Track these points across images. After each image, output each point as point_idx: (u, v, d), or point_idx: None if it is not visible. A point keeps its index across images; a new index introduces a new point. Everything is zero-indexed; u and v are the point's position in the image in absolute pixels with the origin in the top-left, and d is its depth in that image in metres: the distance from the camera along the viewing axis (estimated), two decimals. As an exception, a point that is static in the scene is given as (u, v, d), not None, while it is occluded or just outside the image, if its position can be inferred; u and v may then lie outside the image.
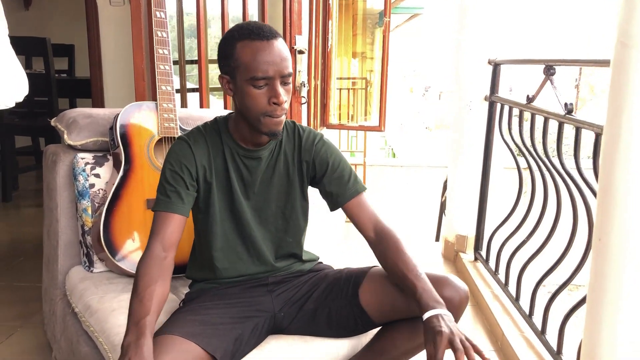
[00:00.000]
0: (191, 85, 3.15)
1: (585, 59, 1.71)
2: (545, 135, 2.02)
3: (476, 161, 2.85)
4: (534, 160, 2.21)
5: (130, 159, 1.77)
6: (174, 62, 1.98)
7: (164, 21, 1.86)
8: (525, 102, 2.21)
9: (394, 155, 7.97)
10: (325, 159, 1.49)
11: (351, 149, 6.01)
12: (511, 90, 2.74)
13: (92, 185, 1.82)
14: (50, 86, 4.05)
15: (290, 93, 1.36)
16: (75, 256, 1.90)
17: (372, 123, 5.33)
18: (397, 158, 7.35)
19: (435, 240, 4.16)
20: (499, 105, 2.62)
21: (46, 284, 2.02)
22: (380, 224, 1.46)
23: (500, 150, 2.78)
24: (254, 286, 1.52)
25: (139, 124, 1.81)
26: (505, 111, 2.56)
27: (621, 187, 1.17)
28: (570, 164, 1.92)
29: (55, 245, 1.90)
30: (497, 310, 2.33)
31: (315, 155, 1.49)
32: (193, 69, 3.21)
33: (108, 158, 1.87)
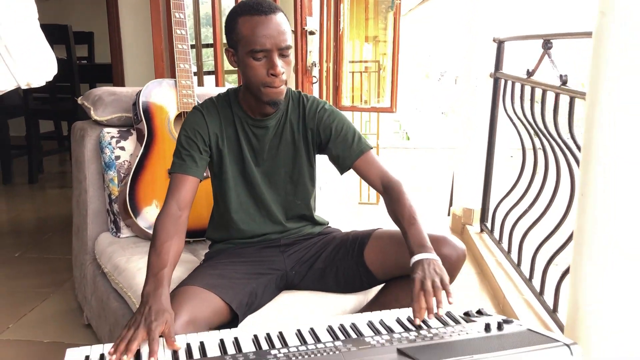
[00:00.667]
0: (207, 69, 3.29)
1: (580, 32, 1.81)
2: (543, 106, 2.12)
3: (482, 137, 2.95)
4: (535, 133, 2.31)
5: (152, 132, 1.91)
6: (191, 46, 2.10)
7: (181, 3, 1.98)
8: (525, 77, 2.30)
9: (408, 138, 8.02)
10: (329, 124, 1.59)
11: (364, 132, 6.11)
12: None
13: (118, 157, 1.97)
14: (72, 72, 4.22)
15: (290, 65, 1.46)
16: (103, 224, 2.06)
17: (384, 105, 5.42)
18: (410, 140, 7.41)
19: (448, 215, 4.26)
20: (503, 81, 2.72)
21: (76, 251, 2.18)
22: (387, 177, 1.55)
23: (505, 127, 2.87)
24: (268, 247, 1.65)
25: (160, 99, 1.94)
26: (509, 87, 2.65)
27: (600, 147, 1.28)
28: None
29: (85, 214, 2.05)
30: (500, 276, 2.45)
31: (319, 121, 1.59)
32: (209, 57, 3.34)
33: (132, 132, 2.01)
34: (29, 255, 2.96)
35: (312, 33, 2.83)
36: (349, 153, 1.57)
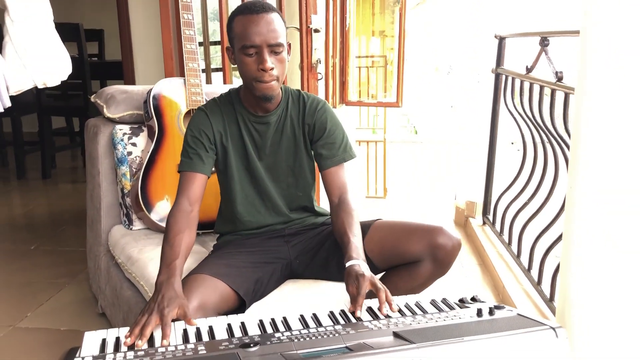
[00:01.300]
0: (214, 65, 3.36)
1: (574, 30, 1.86)
2: (540, 101, 2.18)
3: (483, 132, 3.01)
4: (534, 127, 2.37)
5: (162, 128, 1.99)
6: (199, 44, 2.18)
7: (190, 4, 2.06)
8: (524, 73, 2.36)
9: (416, 132, 8.04)
10: (324, 124, 1.68)
11: (372, 126, 6.17)
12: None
13: (130, 153, 2.06)
14: (83, 69, 4.31)
15: (282, 62, 1.53)
16: (116, 217, 2.15)
17: (390, 99, 5.47)
18: (418, 134, 7.44)
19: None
20: (504, 76, 2.78)
21: (90, 243, 2.27)
22: (345, 195, 1.65)
23: (507, 121, 2.93)
24: (273, 237, 1.73)
25: (170, 97, 2.03)
26: (509, 83, 2.71)
27: (589, 140, 1.34)
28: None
29: (98, 207, 2.14)
30: (501, 267, 2.52)
31: (317, 119, 1.68)
32: (217, 52, 3.41)
33: (143, 129, 2.09)
34: (44, 248, 3.06)
35: (317, 31, 2.90)
36: (332, 155, 1.67)
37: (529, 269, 2.31)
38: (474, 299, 1.40)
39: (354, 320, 1.29)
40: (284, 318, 1.29)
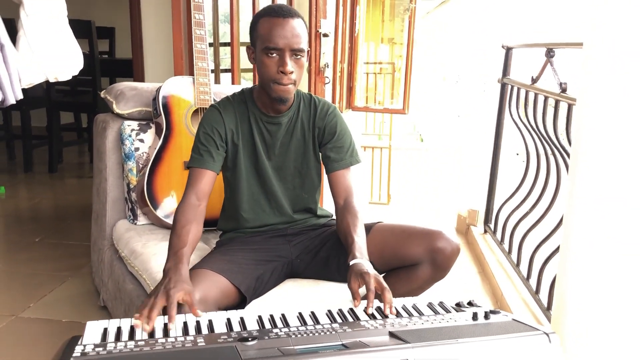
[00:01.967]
0: (223, 67, 3.39)
1: (578, 42, 1.88)
2: (544, 112, 2.20)
3: (488, 141, 3.03)
4: (538, 137, 2.39)
5: (170, 126, 2.02)
6: (209, 44, 2.21)
7: (201, 5, 2.09)
8: (530, 83, 2.38)
9: (422, 139, 8.07)
10: (334, 128, 1.71)
11: (378, 132, 6.19)
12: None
13: (137, 149, 2.09)
14: (94, 66, 4.35)
15: (301, 67, 1.57)
16: (121, 211, 2.18)
17: (397, 106, 5.50)
18: (424, 142, 7.46)
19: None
20: (510, 86, 2.80)
21: (95, 237, 2.30)
22: (351, 198, 1.68)
23: (512, 130, 2.95)
24: (275, 236, 1.75)
25: (178, 95, 2.06)
26: (515, 93, 2.73)
27: (588, 150, 1.36)
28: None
29: (104, 201, 2.17)
30: (500, 275, 2.53)
31: (327, 123, 1.71)
32: (226, 54, 3.45)
33: (151, 125, 2.12)
34: (48, 241, 3.10)
35: (326, 35, 2.93)
36: (340, 159, 1.70)
37: (528, 278, 2.32)
38: (470, 303, 1.42)
39: (351, 319, 1.31)
40: (283, 315, 1.31)
